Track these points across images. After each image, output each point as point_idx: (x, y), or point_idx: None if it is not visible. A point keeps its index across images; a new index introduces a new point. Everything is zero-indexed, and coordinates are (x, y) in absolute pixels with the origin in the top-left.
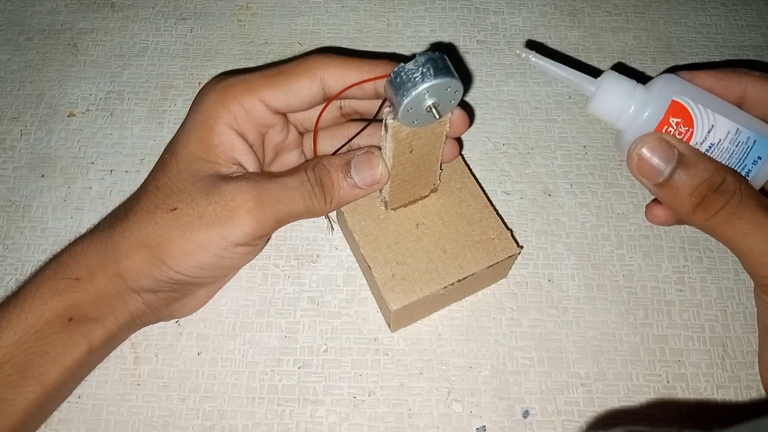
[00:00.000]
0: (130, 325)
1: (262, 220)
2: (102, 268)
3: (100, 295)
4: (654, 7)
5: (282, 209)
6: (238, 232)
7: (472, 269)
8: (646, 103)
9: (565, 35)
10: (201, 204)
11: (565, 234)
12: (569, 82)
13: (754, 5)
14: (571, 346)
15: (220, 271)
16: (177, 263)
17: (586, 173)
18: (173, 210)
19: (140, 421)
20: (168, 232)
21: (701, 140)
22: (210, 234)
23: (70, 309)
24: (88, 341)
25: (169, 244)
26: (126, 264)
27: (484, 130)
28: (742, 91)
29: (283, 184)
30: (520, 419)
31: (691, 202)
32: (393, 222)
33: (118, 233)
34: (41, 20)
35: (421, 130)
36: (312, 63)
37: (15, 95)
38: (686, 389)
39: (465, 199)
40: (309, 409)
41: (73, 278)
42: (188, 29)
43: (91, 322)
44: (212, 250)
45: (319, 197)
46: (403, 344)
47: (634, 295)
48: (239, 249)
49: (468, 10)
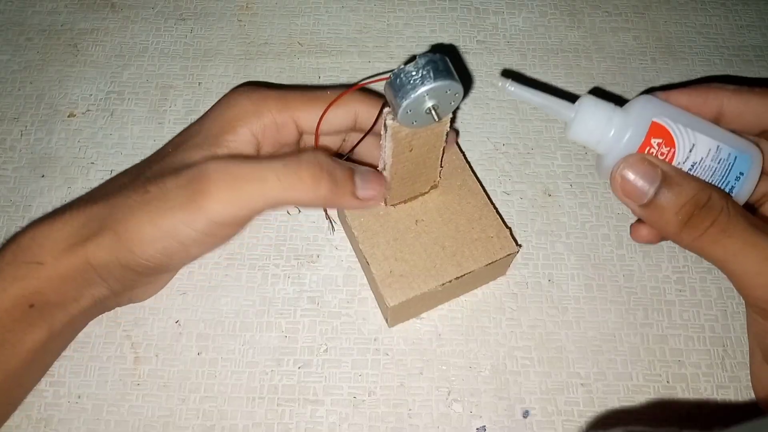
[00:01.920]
0: (92, 311)
1: (232, 207)
2: (68, 253)
3: (64, 279)
4: (654, 7)
5: (256, 194)
6: (202, 220)
7: (471, 267)
8: (625, 126)
9: (565, 35)
10: (168, 185)
11: (565, 234)
12: (547, 109)
13: (754, 5)
14: (571, 346)
15: (187, 257)
16: (144, 250)
17: (586, 173)
18: (146, 193)
19: (140, 421)
20: (137, 217)
21: (683, 159)
22: (175, 221)
23: (32, 295)
24: (49, 326)
25: (138, 230)
26: (93, 249)
27: (484, 130)
28: (718, 106)
29: (262, 166)
30: (520, 419)
31: (678, 221)
32: (392, 218)
33: (89, 216)
34: (41, 21)
35: (421, 130)
36: (352, 96)
37: (15, 95)
38: (686, 389)
39: (465, 196)
40: (309, 409)
41: (36, 262)
42: (188, 29)
43: (53, 307)
44: (178, 237)
45: (306, 185)
46: (403, 344)
47: (634, 295)
48: (206, 238)
49: (468, 10)
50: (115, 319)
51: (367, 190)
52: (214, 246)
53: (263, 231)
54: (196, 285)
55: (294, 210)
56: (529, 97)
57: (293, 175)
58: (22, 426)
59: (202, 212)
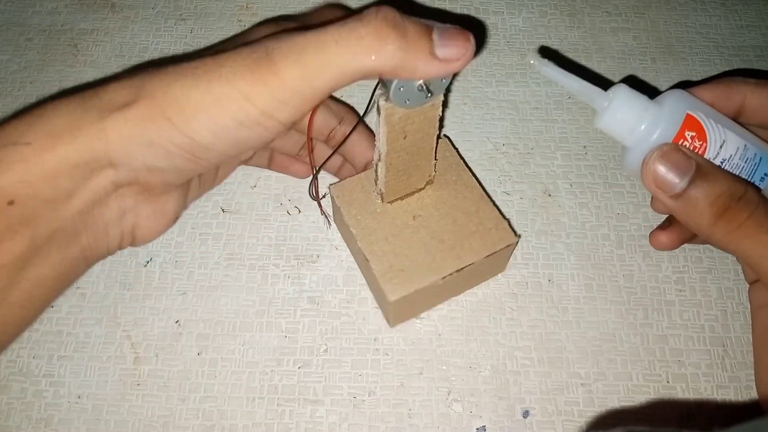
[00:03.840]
0: (88, 226)
1: (299, 80)
2: (72, 128)
3: (60, 166)
4: (654, 7)
5: (316, 63)
6: (265, 94)
7: (471, 259)
8: (658, 121)
9: (564, 35)
10: (226, 55)
11: (565, 234)
12: (579, 94)
13: (754, 5)
14: (571, 346)
15: (231, 148)
16: (186, 120)
17: (586, 173)
18: (199, 61)
19: (140, 421)
20: (184, 80)
21: (714, 155)
22: (232, 90)
23: (13, 186)
24: (32, 233)
25: (183, 95)
26: (114, 122)
27: (484, 130)
28: (741, 99)
29: (321, 30)
30: (520, 419)
31: (712, 212)
32: (389, 215)
33: (119, 86)
34: (41, 21)
35: (414, 114)
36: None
37: (15, 96)
38: (686, 389)
39: (461, 191)
40: (309, 409)
41: (23, 143)
42: (188, 30)
43: (39, 204)
44: (233, 111)
45: (367, 44)
46: (403, 344)
47: (634, 295)
48: (261, 122)
49: (468, 10)
50: (115, 319)
51: (449, 47)
52: (259, 142)
53: (263, 231)
54: (196, 285)
55: (294, 210)
56: (563, 80)
57: (352, 35)
58: (22, 426)
59: (267, 85)
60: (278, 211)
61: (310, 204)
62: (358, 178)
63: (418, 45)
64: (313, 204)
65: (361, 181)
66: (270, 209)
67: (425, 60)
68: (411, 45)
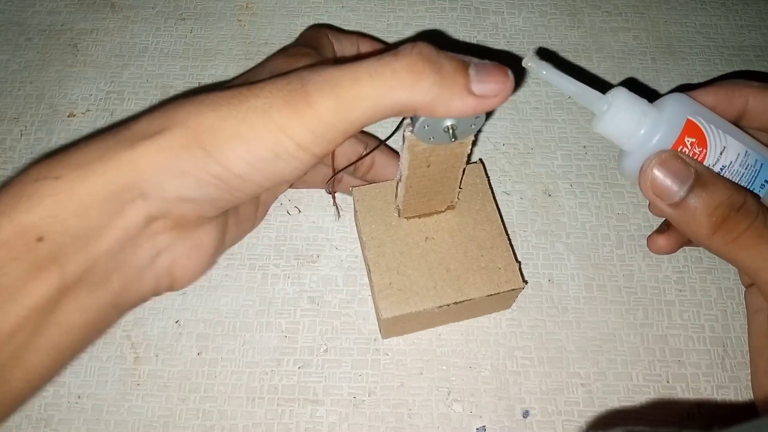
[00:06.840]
0: (120, 268)
1: (334, 114)
2: (103, 159)
3: (90, 199)
4: (654, 7)
5: (349, 97)
6: (300, 127)
7: (471, 294)
8: (658, 124)
9: (565, 35)
10: (261, 85)
11: (565, 234)
12: (577, 97)
13: (754, 5)
14: (571, 346)
15: (269, 179)
16: (222, 149)
17: (586, 173)
18: (234, 90)
19: (140, 421)
20: (213, 110)
21: (713, 162)
22: (268, 122)
23: (43, 222)
24: (61, 272)
25: (219, 125)
26: (146, 150)
27: (484, 130)
28: (743, 103)
29: (356, 65)
30: (520, 419)
31: (711, 223)
32: (403, 230)
33: (151, 117)
34: (41, 20)
35: (439, 148)
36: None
37: (15, 95)
38: (686, 389)
39: (481, 222)
40: (309, 409)
41: (53, 177)
42: (188, 29)
43: (69, 241)
44: (269, 143)
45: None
46: (403, 344)
47: (634, 295)
48: (297, 155)
49: (468, 10)
50: None
51: (486, 83)
52: (293, 175)
53: (263, 231)
54: (195, 285)
55: (294, 210)
56: (561, 83)
57: (386, 69)
58: (22, 426)
59: (302, 117)
60: (278, 211)
61: (310, 204)
62: (381, 186)
63: (454, 80)
64: (313, 204)
65: (384, 190)
66: (270, 209)
67: (461, 96)
68: (446, 80)
